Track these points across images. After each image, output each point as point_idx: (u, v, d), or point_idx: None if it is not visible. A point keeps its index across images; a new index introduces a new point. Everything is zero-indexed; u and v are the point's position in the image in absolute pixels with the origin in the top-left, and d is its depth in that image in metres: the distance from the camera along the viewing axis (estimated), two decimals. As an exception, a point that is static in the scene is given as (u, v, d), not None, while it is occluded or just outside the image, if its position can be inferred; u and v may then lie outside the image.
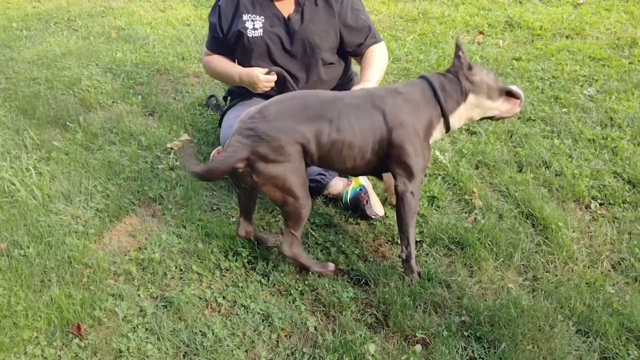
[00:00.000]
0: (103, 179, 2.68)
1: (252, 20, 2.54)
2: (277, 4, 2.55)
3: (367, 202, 2.33)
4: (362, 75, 2.55)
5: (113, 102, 3.48)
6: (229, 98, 2.89)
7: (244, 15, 2.54)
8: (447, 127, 2.04)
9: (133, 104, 3.42)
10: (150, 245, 2.27)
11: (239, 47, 2.59)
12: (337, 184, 2.48)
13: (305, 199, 1.98)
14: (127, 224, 2.42)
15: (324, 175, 2.48)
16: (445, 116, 2.01)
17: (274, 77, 2.46)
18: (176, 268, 2.16)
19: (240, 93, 2.77)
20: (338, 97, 2.03)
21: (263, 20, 2.53)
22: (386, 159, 2.00)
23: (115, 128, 3.11)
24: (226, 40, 2.61)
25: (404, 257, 2.04)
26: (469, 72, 2.00)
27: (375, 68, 2.53)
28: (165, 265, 2.17)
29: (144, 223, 2.42)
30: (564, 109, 3.07)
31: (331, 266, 2.11)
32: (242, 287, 2.06)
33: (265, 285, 2.07)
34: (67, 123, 3.18)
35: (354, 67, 2.82)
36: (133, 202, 2.54)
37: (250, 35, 2.53)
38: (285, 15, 2.55)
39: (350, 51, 2.64)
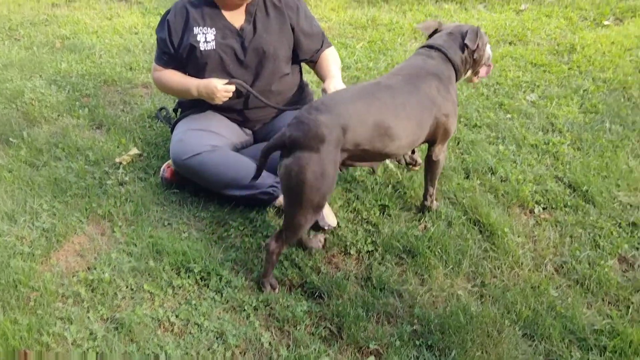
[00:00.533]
0: (49, 197, 2.61)
1: (203, 34, 2.52)
2: (226, 15, 2.54)
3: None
4: (324, 72, 2.59)
5: (58, 115, 3.38)
6: (179, 110, 2.86)
7: (194, 28, 2.52)
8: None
9: (79, 117, 3.34)
10: (100, 264, 2.23)
11: (191, 60, 2.57)
12: (289, 195, 2.49)
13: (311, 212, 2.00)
14: (75, 243, 2.37)
15: (276, 187, 2.49)
16: (458, 76, 2.28)
17: (232, 87, 2.44)
18: (127, 287, 2.13)
19: (190, 105, 2.75)
20: (375, 95, 2.07)
21: (215, 33, 2.52)
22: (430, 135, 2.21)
23: (61, 143, 3.03)
24: (177, 54, 2.58)
25: (431, 205, 2.42)
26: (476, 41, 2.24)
27: (334, 65, 2.60)
28: (115, 285, 2.13)
29: (93, 242, 2.36)
30: (508, 115, 3.18)
31: (277, 290, 2.13)
32: (195, 304, 2.04)
33: (219, 301, 2.06)
34: (10, 139, 3.08)
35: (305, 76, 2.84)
36: (81, 220, 2.48)
37: (202, 49, 2.51)
38: (237, 26, 2.54)
39: (307, 58, 2.67)
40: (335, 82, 2.43)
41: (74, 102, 3.51)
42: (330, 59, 2.66)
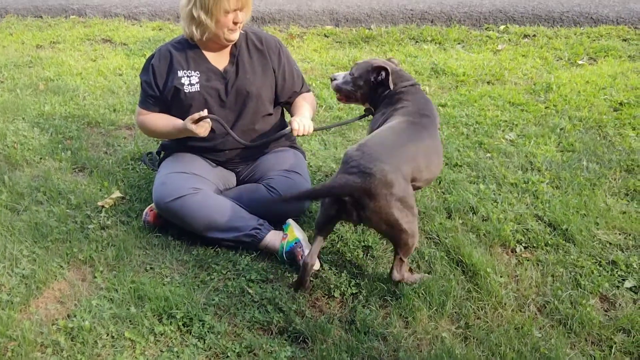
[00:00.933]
0: (29, 242, 2.58)
1: (187, 77, 2.56)
2: (209, 57, 2.59)
3: (301, 257, 2.35)
4: (296, 112, 2.66)
5: (41, 158, 3.37)
6: (162, 153, 2.87)
7: (179, 71, 2.56)
8: None
9: (62, 160, 3.33)
10: (80, 312, 2.19)
11: (175, 102, 2.60)
12: (273, 238, 2.49)
13: (414, 227, 2.13)
14: (56, 290, 2.33)
15: (259, 229, 2.49)
16: None
17: (205, 114, 2.44)
18: (108, 335, 2.09)
19: (173, 147, 2.77)
20: (417, 135, 2.26)
21: (199, 75, 2.56)
22: None
23: (42, 187, 3.02)
24: (162, 96, 2.61)
25: None
26: None
27: (307, 106, 2.68)
28: (96, 333, 2.10)
29: (74, 288, 2.33)
30: (488, 154, 3.23)
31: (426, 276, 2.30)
32: (177, 352, 2.01)
33: (202, 348, 2.04)
34: (-9, 183, 3.06)
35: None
36: (61, 266, 2.45)
37: (187, 91, 2.55)
38: (221, 68, 2.59)
39: (284, 101, 2.72)
40: (302, 118, 2.51)
41: (56, 145, 3.51)
42: (306, 100, 2.74)
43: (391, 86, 2.44)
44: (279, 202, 2.54)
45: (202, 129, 2.45)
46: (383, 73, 2.46)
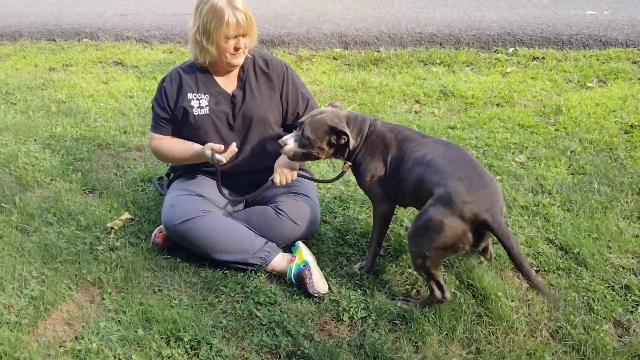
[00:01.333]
0: (39, 263, 2.59)
1: (197, 99, 2.58)
2: (219, 81, 2.61)
3: (309, 280, 2.33)
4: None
5: (51, 180, 3.40)
6: (171, 175, 2.88)
7: (188, 94, 2.58)
8: None
9: (72, 181, 3.35)
10: (88, 334, 2.19)
11: (185, 123, 2.62)
12: (281, 261, 2.48)
13: None
14: (64, 312, 2.33)
15: (267, 252, 2.48)
16: None
17: (234, 149, 2.48)
18: (115, 358, 2.09)
19: (183, 170, 2.78)
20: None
21: (208, 99, 2.58)
22: None
23: (53, 208, 3.03)
24: (174, 117, 2.63)
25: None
26: None
27: None
28: (103, 355, 2.09)
29: (82, 310, 2.33)
30: (498, 177, 3.21)
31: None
32: (184, 375, 2.00)
33: (209, 372, 2.02)
34: (2, 204, 3.07)
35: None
36: (70, 287, 2.45)
37: (196, 114, 2.57)
38: (229, 92, 2.60)
39: (290, 124, 2.72)
40: (284, 168, 2.53)
41: (67, 166, 3.53)
42: None
43: (351, 146, 2.37)
44: (288, 225, 2.54)
45: (223, 158, 2.46)
46: (345, 138, 2.35)
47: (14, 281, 2.47)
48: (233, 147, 2.46)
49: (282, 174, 2.50)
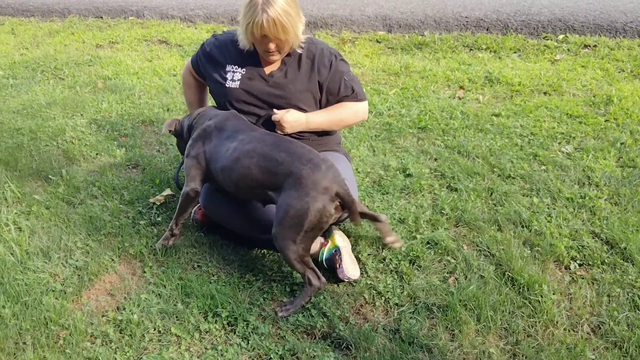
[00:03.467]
0: (83, 234, 2.66)
1: (232, 72, 2.59)
2: (262, 60, 2.60)
3: (339, 266, 2.33)
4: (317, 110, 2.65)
5: (97, 154, 3.48)
6: None
7: (227, 65, 2.59)
8: None
9: (117, 156, 3.43)
10: (129, 305, 2.24)
11: (216, 90, 2.65)
12: (314, 244, 2.48)
13: None
14: (106, 283, 2.39)
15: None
16: None
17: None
18: (155, 330, 2.13)
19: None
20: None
21: (243, 73, 2.58)
22: None
23: (98, 181, 3.11)
24: (206, 74, 2.72)
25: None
26: None
27: (329, 113, 2.62)
28: (143, 326, 2.14)
29: (124, 281, 2.39)
30: (543, 167, 3.13)
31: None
32: (221, 350, 2.03)
33: (245, 348, 2.05)
34: (50, 176, 3.17)
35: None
36: (113, 260, 2.51)
37: (228, 86, 2.57)
38: (268, 71, 2.59)
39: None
40: (293, 115, 2.51)
41: (112, 142, 3.61)
42: (337, 106, 2.64)
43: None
44: None
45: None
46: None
47: (60, 251, 2.55)
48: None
49: (287, 116, 2.50)
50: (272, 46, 2.41)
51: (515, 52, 5.07)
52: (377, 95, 4.26)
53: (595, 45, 4.97)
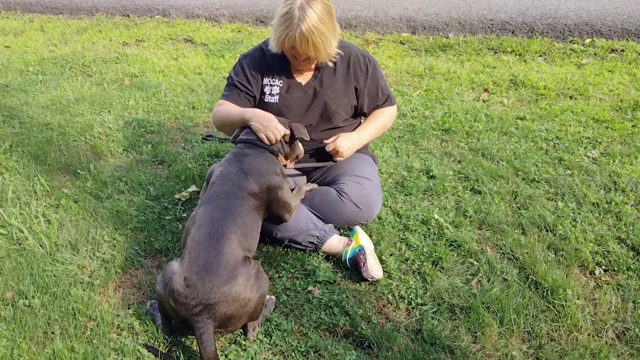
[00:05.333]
0: (111, 228, 2.71)
1: (270, 86, 2.60)
2: (294, 74, 2.61)
3: (363, 265, 2.34)
4: (360, 125, 2.74)
5: (124, 150, 3.54)
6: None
7: (264, 78, 2.60)
8: None
9: (143, 152, 3.48)
10: (155, 298, 2.27)
11: (258, 104, 2.65)
12: (337, 243, 2.49)
13: None
14: (133, 276, 2.44)
15: (325, 231, 2.50)
16: None
17: (287, 132, 2.44)
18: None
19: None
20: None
21: (281, 86, 2.59)
22: None
23: (125, 177, 3.16)
24: (250, 91, 2.61)
25: None
26: None
27: (372, 122, 2.72)
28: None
29: (149, 275, 2.43)
30: (568, 171, 3.11)
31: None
32: (244, 345, 2.05)
33: (268, 344, 2.07)
34: (78, 170, 3.23)
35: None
36: (139, 253, 2.56)
37: (267, 100, 2.59)
38: (304, 82, 2.60)
39: (366, 112, 2.73)
40: (346, 139, 2.58)
41: (138, 138, 3.67)
42: (377, 115, 2.73)
43: None
44: (350, 207, 2.55)
45: (271, 131, 2.39)
46: None
47: (88, 244, 2.60)
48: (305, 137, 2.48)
49: (342, 148, 2.55)
50: (300, 58, 2.44)
51: (540, 56, 5.03)
52: (400, 96, 4.26)
53: (622, 50, 4.91)
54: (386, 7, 6.43)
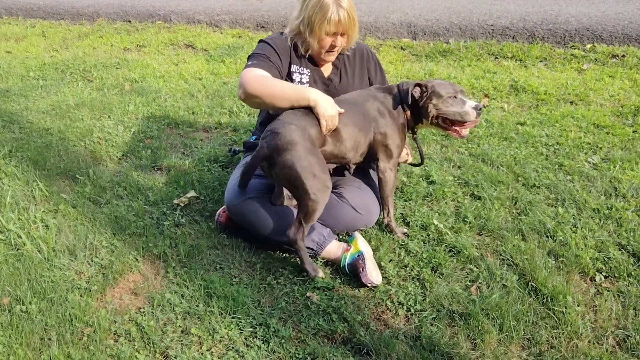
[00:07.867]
0: (109, 234, 2.70)
1: (300, 73, 2.64)
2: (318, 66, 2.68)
3: (362, 270, 2.33)
4: None
5: (123, 155, 3.53)
6: (243, 152, 2.95)
7: (292, 65, 2.64)
8: None
9: (142, 158, 3.48)
10: (152, 304, 2.26)
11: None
12: (336, 249, 2.49)
13: (317, 191, 2.28)
14: (130, 282, 2.42)
15: (324, 237, 2.49)
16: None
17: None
18: (176, 330, 2.15)
19: (254, 148, 2.82)
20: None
21: (309, 74, 2.65)
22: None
23: (123, 182, 3.16)
24: (278, 68, 2.55)
25: (390, 225, 2.66)
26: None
27: None
28: (165, 326, 2.16)
29: (147, 281, 2.42)
30: (568, 177, 3.10)
31: (320, 273, 2.40)
32: (242, 352, 2.04)
33: (265, 351, 2.05)
34: (77, 175, 3.23)
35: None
36: (137, 259, 2.55)
37: None
38: (325, 75, 2.68)
39: None
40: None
41: (138, 143, 3.66)
42: None
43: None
44: (348, 211, 2.55)
45: (330, 119, 2.35)
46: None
47: (86, 249, 2.59)
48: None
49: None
50: (340, 41, 2.52)
51: (541, 61, 5.02)
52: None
53: (623, 55, 4.90)
54: (387, 12, 6.43)
